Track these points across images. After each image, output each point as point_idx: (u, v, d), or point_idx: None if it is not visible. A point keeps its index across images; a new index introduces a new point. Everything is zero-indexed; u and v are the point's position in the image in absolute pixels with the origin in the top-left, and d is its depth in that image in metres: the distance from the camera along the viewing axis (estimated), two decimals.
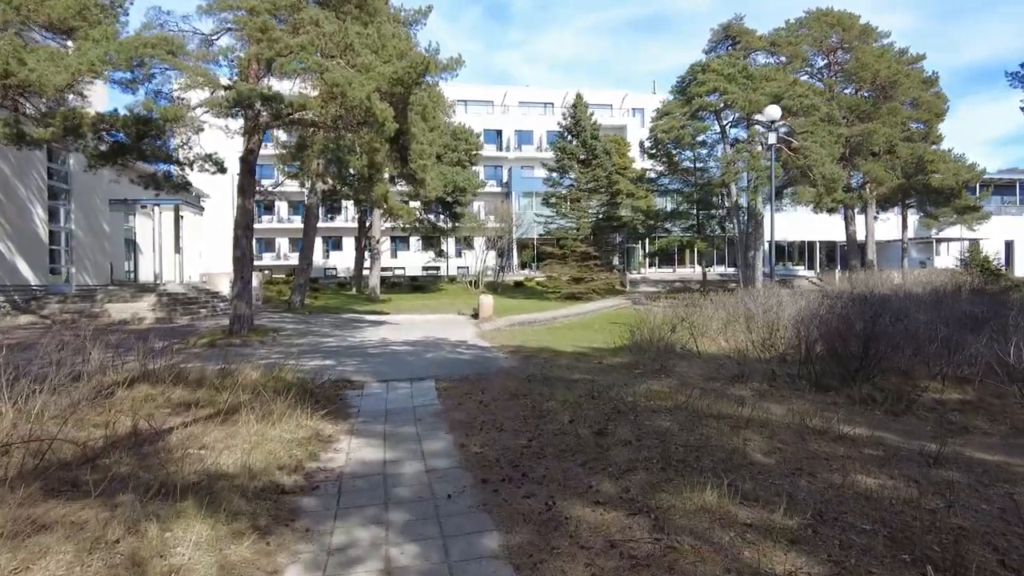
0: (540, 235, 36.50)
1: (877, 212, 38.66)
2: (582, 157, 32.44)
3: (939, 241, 49.74)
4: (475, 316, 22.33)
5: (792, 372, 8.79)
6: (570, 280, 31.36)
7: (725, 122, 28.83)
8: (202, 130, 13.94)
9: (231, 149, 15.88)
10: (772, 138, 15.45)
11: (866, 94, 33.09)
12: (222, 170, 13.76)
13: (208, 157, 13.71)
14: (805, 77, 32.62)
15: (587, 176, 31.97)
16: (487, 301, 21.54)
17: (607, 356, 10.54)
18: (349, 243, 47.55)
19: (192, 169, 13.90)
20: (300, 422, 6.28)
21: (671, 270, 50.73)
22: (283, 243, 52.57)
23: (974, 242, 35.84)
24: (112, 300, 21.00)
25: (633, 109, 59.27)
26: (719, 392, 7.81)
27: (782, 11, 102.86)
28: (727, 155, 27.81)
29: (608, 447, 5.21)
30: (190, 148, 13.66)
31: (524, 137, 57.03)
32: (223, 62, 14.81)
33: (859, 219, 40.86)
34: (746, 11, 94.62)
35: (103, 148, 12.44)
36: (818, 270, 50.93)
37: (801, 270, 49.69)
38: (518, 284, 39.72)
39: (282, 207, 52.57)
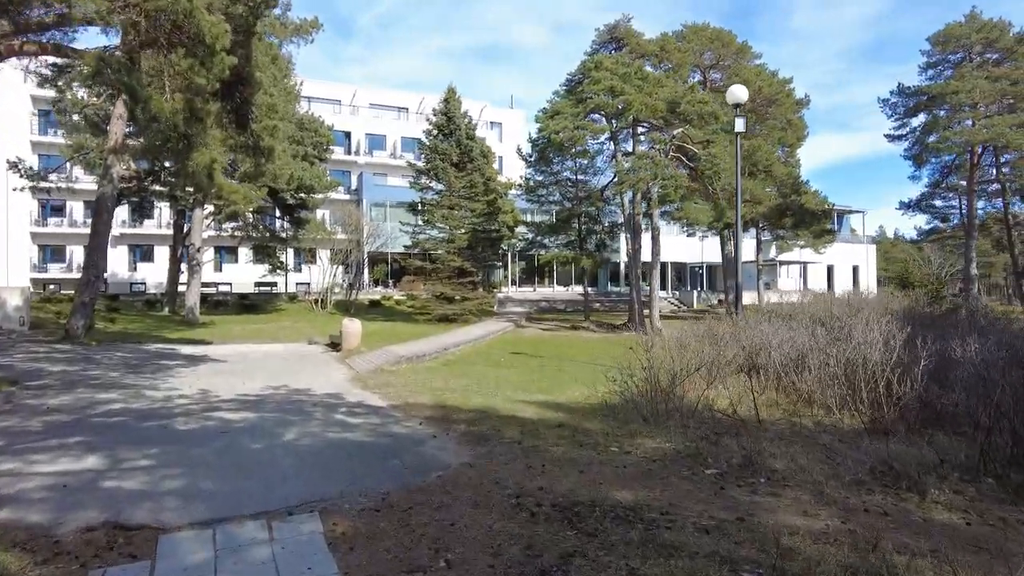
0: (406, 247, 31.64)
1: (744, 233, 38.78)
2: (455, 160, 28.27)
3: (781, 263, 52.50)
4: (334, 347, 17.14)
5: (953, 459, 5.24)
6: (441, 299, 26.94)
7: (615, 127, 26.20)
8: None
9: None
10: (740, 124, 12.43)
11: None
12: None
13: None
14: None
15: (462, 181, 27.82)
16: (353, 328, 16.50)
17: (616, 431, 6.24)
18: (163, 253, 39.19)
19: None
20: None
21: (531, 289, 48.56)
22: (76, 252, 42.85)
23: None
24: None
25: (491, 123, 56.78)
26: (908, 521, 4.06)
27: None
28: (620, 163, 25.12)
29: None
30: None
31: (376, 142, 51.93)
32: None
33: (715, 240, 40.81)
34: (585, 43, 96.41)
35: None
36: (670, 291, 51.28)
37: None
38: (374, 303, 34.39)
39: (76, 208, 43.52)
